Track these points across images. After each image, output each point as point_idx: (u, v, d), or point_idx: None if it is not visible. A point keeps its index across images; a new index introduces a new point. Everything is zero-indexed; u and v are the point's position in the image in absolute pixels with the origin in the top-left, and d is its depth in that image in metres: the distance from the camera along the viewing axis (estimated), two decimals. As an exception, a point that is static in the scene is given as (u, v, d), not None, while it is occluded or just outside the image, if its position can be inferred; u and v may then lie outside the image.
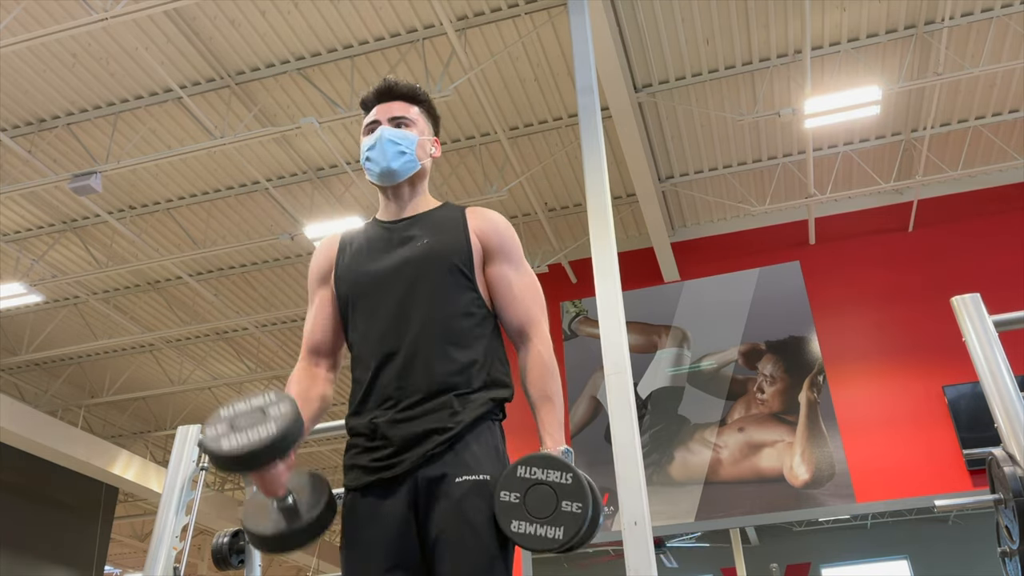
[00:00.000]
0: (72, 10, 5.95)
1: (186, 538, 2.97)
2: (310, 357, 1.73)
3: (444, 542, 1.44)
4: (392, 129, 1.75)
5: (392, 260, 1.67)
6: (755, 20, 6.51)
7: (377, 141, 1.73)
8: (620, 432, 4.10)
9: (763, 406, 7.59)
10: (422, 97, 1.83)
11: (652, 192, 7.38)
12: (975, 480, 6.75)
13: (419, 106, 1.83)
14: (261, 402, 1.45)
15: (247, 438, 1.38)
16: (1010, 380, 2.32)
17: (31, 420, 10.01)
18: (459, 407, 1.54)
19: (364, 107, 1.84)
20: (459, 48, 6.25)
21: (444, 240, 1.68)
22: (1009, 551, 2.25)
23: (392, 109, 1.79)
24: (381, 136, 1.73)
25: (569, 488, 1.43)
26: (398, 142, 1.73)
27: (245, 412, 1.43)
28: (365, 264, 1.71)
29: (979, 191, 8.01)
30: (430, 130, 1.84)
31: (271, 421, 1.40)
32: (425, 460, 1.50)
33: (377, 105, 1.81)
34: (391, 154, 1.72)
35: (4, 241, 8.50)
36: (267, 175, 7.83)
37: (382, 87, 1.81)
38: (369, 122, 1.79)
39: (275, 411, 1.42)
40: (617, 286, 4.54)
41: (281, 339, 10.83)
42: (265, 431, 1.38)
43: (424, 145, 1.79)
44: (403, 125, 1.77)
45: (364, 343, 1.64)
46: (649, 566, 3.68)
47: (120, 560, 18.37)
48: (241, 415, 1.43)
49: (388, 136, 1.73)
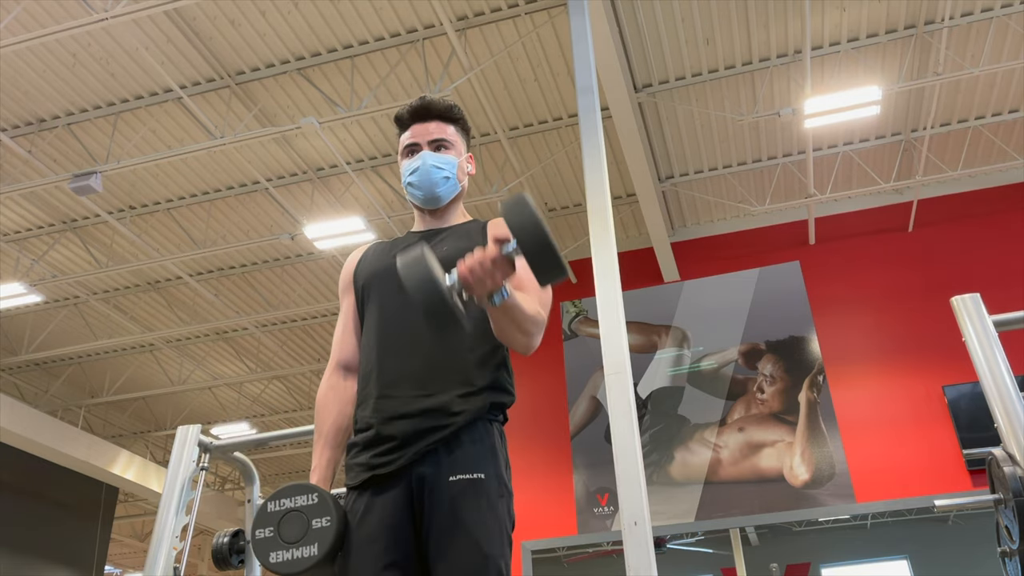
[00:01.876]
0: (72, 10, 5.95)
1: (186, 538, 2.97)
2: (339, 371, 1.74)
3: (439, 540, 1.45)
4: (434, 155, 1.74)
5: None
6: (755, 20, 6.51)
7: (421, 166, 1.73)
8: (620, 432, 4.10)
9: (763, 406, 7.59)
10: (457, 115, 1.82)
11: (652, 192, 7.38)
12: (975, 480, 6.74)
13: (455, 125, 1.82)
14: (305, 503, 1.56)
15: (292, 556, 1.51)
16: (1010, 380, 2.32)
17: (31, 420, 10.01)
18: (458, 406, 1.54)
19: (399, 124, 1.82)
20: (459, 48, 6.25)
21: (462, 245, 1.69)
22: (1009, 551, 2.25)
23: (430, 130, 1.77)
24: (424, 162, 1.73)
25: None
26: (441, 167, 1.74)
27: (291, 515, 1.55)
28: (380, 260, 1.75)
29: (979, 191, 8.01)
30: (465, 147, 1.84)
31: (315, 542, 1.52)
32: (421, 457, 1.51)
33: (413, 125, 1.79)
34: (436, 180, 1.73)
35: (4, 241, 8.50)
36: (267, 175, 7.83)
37: (419, 106, 1.79)
38: (408, 144, 1.77)
39: (318, 523, 1.53)
40: (617, 286, 4.54)
41: (281, 339, 10.82)
42: (309, 552, 1.51)
43: (463, 166, 1.81)
44: (443, 148, 1.77)
45: (370, 337, 1.67)
46: (649, 566, 3.68)
47: (120, 560, 18.38)
48: (287, 519, 1.55)
49: (432, 162, 1.73)
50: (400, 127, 1.82)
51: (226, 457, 3.25)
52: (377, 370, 1.61)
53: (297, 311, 9.73)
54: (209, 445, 3.16)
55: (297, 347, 11.02)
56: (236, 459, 3.28)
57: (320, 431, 1.67)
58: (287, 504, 1.55)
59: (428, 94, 1.86)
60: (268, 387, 12.14)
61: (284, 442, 3.13)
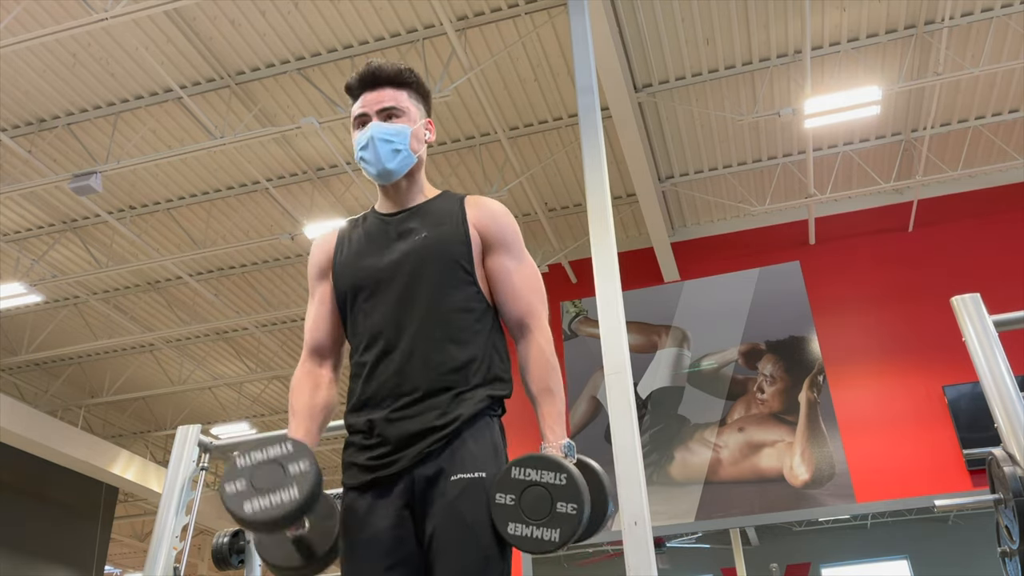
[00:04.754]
0: (72, 10, 5.95)
1: (186, 538, 2.97)
2: (313, 357, 1.71)
3: (440, 541, 1.44)
4: (383, 126, 1.67)
5: (391, 255, 1.65)
6: (755, 20, 6.51)
7: (369, 140, 1.66)
8: (620, 432, 4.10)
9: (763, 406, 7.59)
10: (409, 79, 1.72)
11: (652, 192, 7.38)
12: (975, 480, 6.74)
13: (407, 89, 1.72)
14: (279, 453, 1.42)
15: (269, 503, 1.36)
16: (1010, 380, 2.33)
17: (31, 420, 10.01)
18: (456, 404, 1.53)
19: (348, 93, 1.73)
20: (459, 48, 6.25)
21: (443, 233, 1.64)
22: (1009, 551, 2.25)
23: (380, 98, 1.69)
24: (372, 135, 1.66)
25: (564, 489, 1.42)
26: (391, 139, 1.66)
27: (263, 465, 1.40)
28: (364, 259, 1.68)
29: (979, 191, 8.01)
30: (422, 112, 1.75)
31: (293, 484, 1.37)
32: (421, 458, 1.49)
33: (363, 94, 1.70)
34: (386, 154, 1.66)
35: (4, 241, 8.50)
36: (267, 175, 7.83)
37: (365, 73, 1.70)
38: (358, 114, 1.70)
39: (295, 469, 1.40)
40: (617, 286, 4.54)
41: (281, 339, 10.82)
42: (288, 496, 1.36)
43: (418, 134, 1.71)
44: (393, 116, 1.68)
45: (362, 339, 1.63)
46: (649, 566, 3.68)
47: (120, 560, 18.38)
48: (260, 470, 1.40)
49: (380, 135, 1.66)
50: (351, 96, 1.72)
51: (226, 457, 3.25)
52: (372, 370, 1.58)
53: (297, 311, 9.73)
54: (209, 445, 3.17)
55: (297, 347, 11.02)
56: (236, 459, 3.27)
57: (293, 410, 1.63)
58: (258, 457, 1.41)
59: (376, 60, 1.73)
60: (268, 387, 12.14)
61: (284, 442, 3.12)
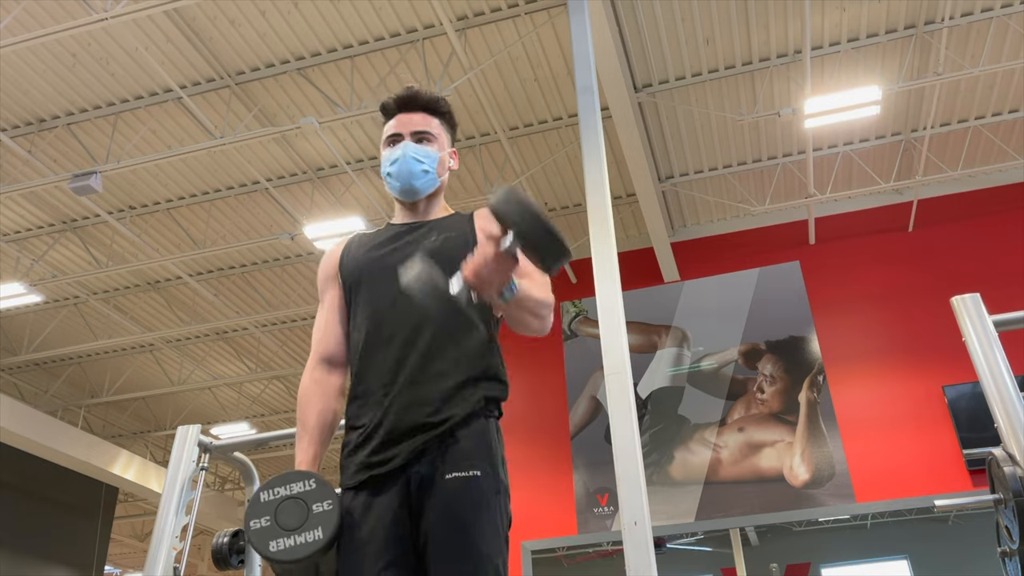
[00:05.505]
0: (72, 10, 5.95)
1: (186, 538, 2.97)
2: (322, 365, 1.71)
3: (435, 539, 1.44)
4: (415, 146, 1.73)
5: (398, 253, 1.68)
6: (755, 20, 6.51)
7: (400, 158, 1.72)
8: (620, 432, 4.10)
9: (763, 406, 7.59)
10: (443, 108, 1.81)
11: (652, 192, 7.38)
12: (975, 480, 6.74)
13: (439, 117, 1.81)
14: (302, 490, 1.49)
15: (294, 543, 1.44)
16: (1010, 380, 2.32)
17: (31, 420, 10.01)
18: (452, 403, 1.53)
19: (384, 112, 1.81)
20: (459, 48, 6.25)
21: (451, 238, 1.68)
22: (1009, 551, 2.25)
23: (414, 121, 1.76)
24: (404, 153, 1.72)
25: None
26: (421, 160, 1.72)
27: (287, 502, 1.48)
28: (370, 253, 1.72)
29: (979, 191, 8.01)
30: (449, 141, 1.83)
31: (318, 526, 1.45)
32: (416, 456, 1.50)
33: (398, 115, 1.78)
34: (414, 172, 1.72)
35: (4, 241, 8.50)
36: (267, 175, 7.83)
37: (405, 96, 1.78)
38: (391, 134, 1.76)
39: (319, 508, 1.47)
40: (617, 286, 4.54)
41: (281, 339, 10.82)
42: (313, 537, 1.45)
43: (444, 161, 1.79)
44: (425, 140, 1.75)
45: (361, 332, 1.64)
46: (649, 566, 3.68)
47: (120, 560, 18.38)
48: (284, 507, 1.47)
49: (411, 154, 1.72)
50: (386, 115, 1.80)
51: (226, 457, 3.25)
52: (370, 368, 1.59)
53: (297, 311, 9.73)
54: (209, 445, 3.16)
55: (297, 347, 11.02)
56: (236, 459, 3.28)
57: (304, 425, 1.64)
58: (282, 492, 1.49)
59: (416, 85, 1.83)
60: (268, 387, 12.14)
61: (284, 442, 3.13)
